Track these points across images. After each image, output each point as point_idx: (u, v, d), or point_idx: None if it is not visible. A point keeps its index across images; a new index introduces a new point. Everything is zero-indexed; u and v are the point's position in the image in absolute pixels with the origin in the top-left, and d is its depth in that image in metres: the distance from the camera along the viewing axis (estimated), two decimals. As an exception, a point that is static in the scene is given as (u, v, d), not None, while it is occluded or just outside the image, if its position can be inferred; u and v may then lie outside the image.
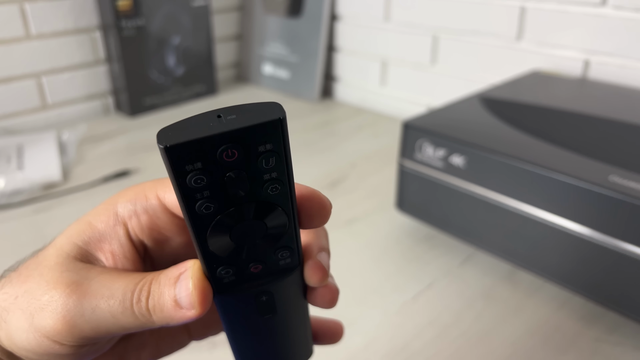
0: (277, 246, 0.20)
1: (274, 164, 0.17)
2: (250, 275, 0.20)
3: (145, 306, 0.19)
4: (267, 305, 0.21)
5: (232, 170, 0.17)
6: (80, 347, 0.20)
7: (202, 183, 0.17)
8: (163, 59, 0.92)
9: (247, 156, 0.17)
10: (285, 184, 0.18)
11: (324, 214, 0.20)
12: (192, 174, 0.16)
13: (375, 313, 0.45)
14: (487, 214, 0.47)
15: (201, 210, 0.17)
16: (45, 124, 0.86)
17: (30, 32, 0.81)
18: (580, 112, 0.53)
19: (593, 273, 0.41)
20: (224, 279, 0.20)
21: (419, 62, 0.84)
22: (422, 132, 0.49)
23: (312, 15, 0.93)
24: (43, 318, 0.19)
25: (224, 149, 0.16)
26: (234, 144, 0.16)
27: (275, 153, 0.17)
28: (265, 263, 0.20)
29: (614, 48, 0.64)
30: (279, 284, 0.21)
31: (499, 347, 0.41)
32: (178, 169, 0.16)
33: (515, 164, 0.43)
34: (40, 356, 0.20)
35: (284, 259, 0.20)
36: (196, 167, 0.16)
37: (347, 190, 0.65)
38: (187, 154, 0.16)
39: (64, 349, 0.20)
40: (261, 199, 0.18)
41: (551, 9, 0.68)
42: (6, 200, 0.63)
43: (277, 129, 0.16)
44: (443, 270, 0.50)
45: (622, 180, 0.39)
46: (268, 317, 0.22)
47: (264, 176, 0.17)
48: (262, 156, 0.17)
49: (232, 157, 0.16)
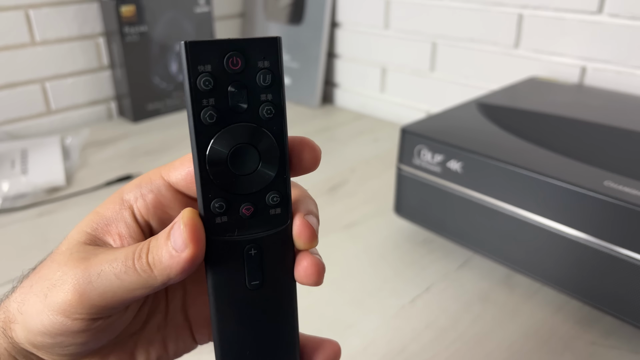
0: (268, 188, 0.21)
1: (270, 83, 0.20)
2: (242, 219, 0.21)
3: (146, 261, 0.20)
4: (255, 264, 0.21)
5: (235, 80, 0.20)
6: (92, 320, 0.21)
7: (210, 86, 0.19)
8: (166, 65, 0.93)
9: (248, 68, 0.20)
10: (279, 109, 0.20)
11: (314, 155, 0.21)
12: (202, 75, 0.19)
13: (373, 316, 0.46)
14: (484, 219, 0.47)
15: (205, 119, 0.20)
16: (49, 128, 0.87)
17: (34, 38, 0.82)
18: (577, 118, 0.54)
19: (589, 277, 0.42)
20: (216, 217, 0.21)
21: (418, 69, 0.85)
22: (421, 138, 0.50)
23: (313, 23, 0.94)
24: (56, 294, 0.20)
25: (230, 56, 0.19)
26: (238, 52, 0.19)
27: (271, 72, 0.20)
28: (257, 207, 0.21)
29: (610, 55, 0.65)
30: (267, 237, 0.21)
31: (495, 350, 0.42)
32: (192, 66, 0.19)
33: (512, 169, 0.44)
34: (56, 337, 0.21)
35: (274, 207, 0.21)
36: (206, 70, 0.19)
37: (347, 195, 0.66)
38: (201, 53, 0.19)
39: (77, 324, 0.20)
40: (257, 121, 0.20)
41: (548, 16, 0.69)
42: (10, 204, 0.64)
43: (274, 47, 0.20)
44: (441, 274, 0.51)
45: (617, 186, 0.40)
46: (255, 285, 0.22)
47: (261, 96, 0.20)
48: (260, 72, 0.20)
49: (237, 65, 0.19)
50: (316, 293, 0.48)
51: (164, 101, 0.94)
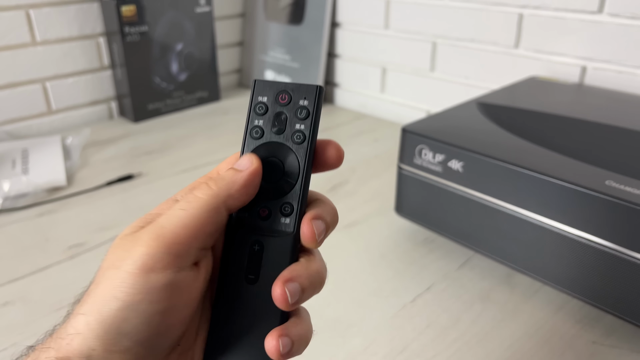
0: (284, 199, 0.25)
1: (304, 117, 0.25)
2: (257, 219, 0.25)
3: (211, 184, 0.23)
4: (255, 260, 0.25)
5: (281, 111, 0.26)
6: (172, 269, 0.21)
7: (262, 111, 0.26)
8: (166, 65, 0.93)
9: (292, 104, 0.25)
10: (306, 139, 0.25)
11: (338, 154, 0.26)
12: (259, 103, 0.26)
13: (374, 315, 0.46)
14: (485, 218, 0.47)
15: (252, 134, 0.26)
16: (49, 128, 0.87)
17: (35, 38, 0.82)
18: (577, 118, 0.54)
19: (590, 276, 0.42)
20: (240, 213, 0.25)
21: (419, 68, 0.85)
22: (421, 138, 0.50)
23: (313, 23, 0.94)
24: (131, 255, 0.21)
25: (280, 92, 0.26)
26: (287, 91, 0.26)
27: (307, 109, 0.25)
28: (271, 212, 0.25)
29: (610, 54, 0.65)
30: (271, 240, 0.25)
31: (496, 349, 0.42)
32: (255, 96, 0.26)
33: (513, 169, 0.44)
34: (135, 300, 0.21)
35: (285, 216, 0.25)
36: (263, 100, 0.26)
37: (348, 194, 0.66)
38: (263, 88, 0.26)
39: (159, 277, 0.21)
40: (289, 143, 0.25)
41: (548, 16, 0.69)
42: (11, 203, 0.64)
43: (314, 92, 0.25)
44: (442, 273, 0.51)
45: (618, 185, 0.40)
46: (251, 279, 0.24)
47: (296, 125, 0.25)
48: (299, 108, 0.25)
49: (284, 100, 0.26)
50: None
51: (165, 101, 0.94)
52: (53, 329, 0.23)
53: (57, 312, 0.46)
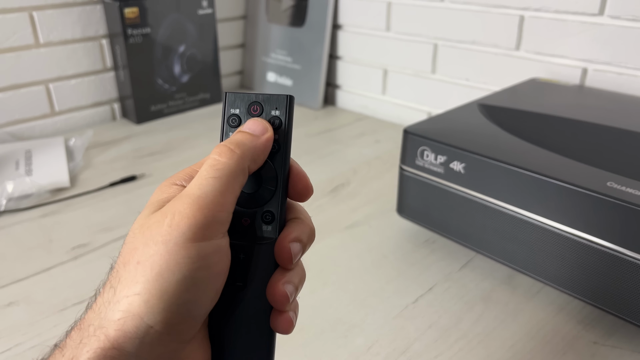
0: (265, 208, 0.26)
1: (277, 127, 0.26)
2: (241, 228, 0.26)
3: (233, 147, 0.24)
4: (241, 268, 0.25)
5: None
6: (220, 236, 0.22)
7: (235, 123, 0.26)
8: (169, 66, 0.93)
9: (264, 114, 0.26)
10: (281, 147, 0.26)
11: (305, 191, 0.26)
12: (231, 116, 0.26)
13: (377, 316, 0.46)
14: (486, 219, 0.48)
15: None
16: (53, 130, 0.88)
17: (38, 39, 0.83)
18: (578, 119, 0.54)
19: (591, 277, 0.42)
20: None
21: (420, 70, 0.85)
22: (423, 139, 0.50)
23: (315, 25, 0.94)
24: (184, 219, 0.22)
25: (252, 104, 0.26)
26: (258, 102, 0.26)
27: (279, 119, 0.26)
28: (253, 220, 0.26)
29: (611, 56, 0.65)
30: (255, 247, 0.25)
31: (498, 350, 0.42)
32: (227, 108, 0.26)
33: (515, 170, 0.44)
34: (193, 269, 0.21)
35: (266, 224, 0.26)
36: (235, 112, 0.26)
37: (349, 196, 0.66)
38: (234, 101, 0.26)
39: (210, 244, 0.22)
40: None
41: (549, 18, 0.69)
42: (14, 204, 0.64)
43: (285, 101, 0.26)
44: (443, 274, 0.51)
45: (619, 187, 0.40)
46: (239, 286, 0.25)
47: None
48: (271, 117, 0.26)
49: (256, 111, 0.26)
50: (319, 293, 0.49)
51: (167, 103, 0.95)
52: (74, 324, 0.23)
53: (60, 313, 0.47)
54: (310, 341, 0.43)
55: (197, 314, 0.23)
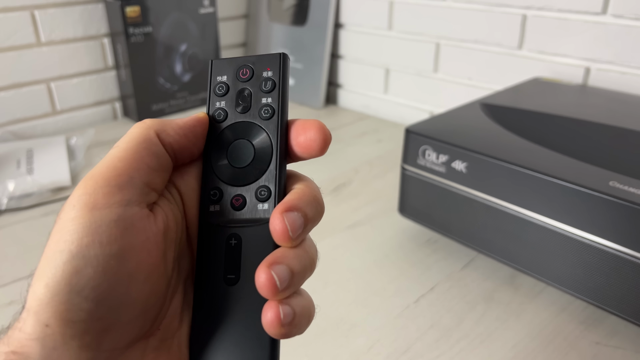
0: (259, 182, 0.22)
1: (270, 89, 0.23)
2: (231, 210, 0.22)
3: None
4: (233, 256, 0.22)
5: (243, 87, 0.23)
6: (121, 204, 0.19)
7: (222, 91, 0.23)
8: (170, 65, 0.93)
9: (254, 78, 0.23)
10: (276, 112, 0.23)
11: (323, 137, 0.22)
12: (218, 84, 0.24)
13: (378, 316, 0.46)
14: (488, 219, 0.47)
15: (215, 117, 0.23)
16: (54, 129, 0.88)
17: (40, 38, 0.83)
18: (581, 119, 0.54)
19: (593, 277, 0.42)
20: (210, 206, 0.22)
21: (422, 69, 0.85)
22: (425, 138, 0.50)
23: (317, 24, 0.94)
24: (75, 191, 0.20)
25: (241, 68, 0.23)
26: (248, 65, 0.23)
27: (273, 80, 0.23)
28: (246, 199, 0.22)
29: (614, 55, 0.65)
30: (249, 230, 0.22)
31: (500, 349, 0.42)
32: (213, 77, 0.24)
33: (517, 169, 0.44)
34: (83, 245, 0.18)
35: (262, 201, 0.22)
36: (222, 80, 0.24)
37: (351, 195, 0.66)
38: (220, 67, 0.24)
39: (106, 213, 0.19)
40: (257, 120, 0.23)
41: (552, 17, 0.69)
42: (16, 203, 0.64)
43: (278, 61, 0.23)
44: (445, 273, 0.51)
45: (622, 186, 0.40)
46: (231, 280, 0.21)
47: (262, 99, 0.23)
48: (264, 80, 0.23)
49: (246, 75, 0.23)
50: (321, 293, 0.48)
51: (169, 102, 0.95)
52: (8, 325, 0.19)
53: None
54: (311, 341, 0.43)
55: (111, 309, 0.18)
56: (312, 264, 0.21)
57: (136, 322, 0.20)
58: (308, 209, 0.21)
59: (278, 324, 0.19)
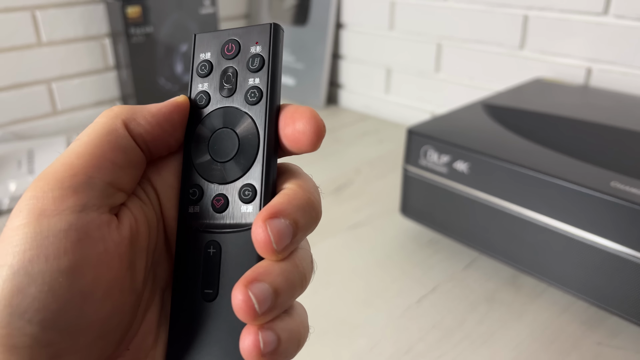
0: (243, 179, 0.19)
1: (258, 67, 0.19)
2: (211, 212, 0.19)
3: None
4: (211, 268, 0.19)
5: (228, 65, 0.20)
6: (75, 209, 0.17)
7: (205, 71, 0.20)
8: (171, 66, 0.93)
9: (241, 54, 0.20)
10: (264, 95, 0.19)
11: (315, 129, 0.18)
12: (201, 62, 0.20)
13: (380, 316, 0.46)
14: (490, 219, 0.47)
15: (196, 101, 0.20)
16: (55, 129, 0.88)
17: (41, 39, 0.83)
18: (583, 119, 0.54)
19: (595, 278, 0.42)
20: (189, 207, 0.19)
21: (423, 70, 0.85)
22: (427, 139, 0.50)
23: (318, 24, 0.94)
24: (24, 194, 0.17)
25: (226, 43, 0.20)
26: (233, 40, 0.20)
27: (261, 57, 0.19)
28: (228, 200, 0.19)
29: (615, 56, 0.65)
30: (229, 237, 0.19)
31: (502, 350, 0.42)
32: (196, 54, 0.21)
33: (519, 170, 0.44)
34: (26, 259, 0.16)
35: (246, 203, 0.19)
36: (206, 57, 0.20)
37: (352, 196, 0.66)
38: (204, 42, 0.20)
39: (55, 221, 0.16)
40: (242, 105, 0.20)
41: (554, 18, 0.69)
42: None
43: (267, 32, 0.19)
44: (447, 274, 0.51)
45: (623, 187, 0.40)
46: (208, 295, 0.19)
47: (249, 80, 0.20)
48: (251, 57, 0.20)
49: (231, 51, 0.20)
50: (322, 293, 0.48)
51: (169, 102, 0.95)
52: None
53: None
54: (313, 342, 0.43)
55: (62, 333, 0.16)
56: (303, 281, 0.18)
57: (95, 346, 0.17)
58: (299, 215, 0.18)
59: (257, 354, 0.16)
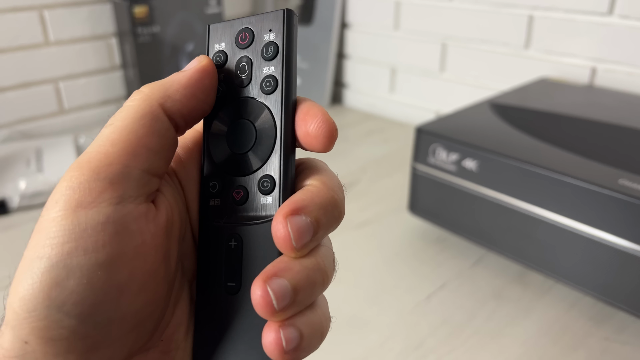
0: (262, 171, 0.19)
1: (272, 55, 0.19)
2: (231, 205, 0.19)
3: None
4: (233, 260, 0.19)
5: (243, 55, 0.20)
6: (112, 202, 0.16)
7: (220, 61, 0.20)
8: (177, 65, 0.93)
9: (255, 43, 0.19)
10: (279, 84, 0.19)
11: (327, 130, 0.18)
12: (216, 53, 0.20)
13: (390, 312, 0.46)
14: (498, 217, 0.48)
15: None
16: (62, 128, 0.88)
17: (48, 38, 0.83)
18: (589, 118, 0.55)
19: (603, 273, 0.43)
20: (210, 200, 0.19)
21: (428, 69, 0.86)
22: (436, 137, 0.51)
23: (323, 23, 0.95)
24: (59, 183, 0.17)
25: (240, 32, 0.20)
26: (247, 28, 0.20)
27: (275, 44, 0.19)
28: (248, 192, 0.19)
29: (620, 56, 0.66)
30: (250, 230, 0.19)
31: (510, 345, 0.43)
32: (211, 45, 0.20)
33: (527, 167, 0.45)
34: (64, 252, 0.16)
35: (265, 194, 0.19)
36: (220, 47, 0.20)
37: (359, 194, 0.67)
38: (219, 33, 0.20)
39: (92, 214, 0.16)
40: (258, 95, 0.19)
41: (559, 18, 0.69)
42: (28, 201, 0.64)
43: (282, 19, 0.19)
44: (455, 271, 0.52)
45: (631, 184, 0.41)
46: (231, 288, 0.19)
47: (264, 69, 0.19)
48: (265, 44, 0.19)
49: (245, 40, 0.20)
50: (332, 291, 0.49)
51: (175, 101, 0.95)
52: None
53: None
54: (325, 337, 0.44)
55: (98, 325, 0.16)
56: (325, 279, 0.18)
57: (129, 337, 0.17)
58: (320, 213, 0.17)
59: (280, 351, 0.16)
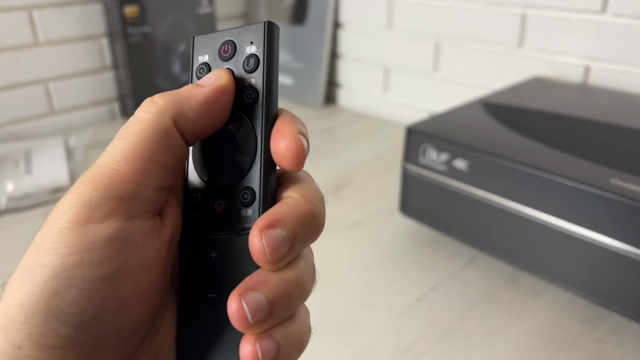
0: (243, 183, 0.19)
1: (253, 67, 0.19)
2: (213, 216, 0.19)
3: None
4: (213, 272, 0.19)
5: (225, 68, 0.20)
6: (122, 218, 0.17)
7: (203, 74, 0.20)
8: (169, 65, 0.93)
9: (237, 55, 0.20)
10: (260, 96, 0.19)
11: (290, 151, 0.18)
12: (200, 65, 0.20)
13: (380, 314, 0.46)
14: (490, 217, 0.47)
15: None
16: (52, 129, 0.88)
17: (38, 39, 0.82)
18: (581, 117, 0.54)
19: (595, 275, 0.42)
20: (193, 211, 0.20)
21: (422, 69, 0.85)
22: (426, 137, 0.50)
23: (316, 23, 0.94)
24: (68, 195, 0.17)
25: (223, 44, 0.20)
26: (229, 40, 0.20)
27: (256, 57, 0.19)
28: (228, 203, 0.19)
29: (614, 54, 0.65)
30: (230, 242, 0.19)
31: (502, 347, 0.42)
32: (195, 57, 0.21)
33: (519, 167, 0.44)
34: (69, 264, 0.16)
35: (245, 206, 0.19)
36: (204, 60, 0.20)
37: (352, 195, 0.66)
38: (202, 44, 0.20)
39: (100, 229, 0.16)
40: (239, 107, 0.19)
41: (552, 16, 0.69)
42: (15, 204, 0.64)
43: (262, 32, 0.19)
44: (447, 272, 0.51)
45: (623, 184, 0.40)
46: (211, 300, 0.19)
47: (245, 80, 0.20)
48: (246, 57, 0.20)
49: (227, 52, 0.20)
50: (323, 292, 0.48)
51: (167, 102, 0.94)
52: None
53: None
54: (314, 340, 0.43)
55: (94, 335, 0.16)
56: (303, 291, 0.18)
57: (123, 346, 0.17)
58: (297, 227, 0.17)
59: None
